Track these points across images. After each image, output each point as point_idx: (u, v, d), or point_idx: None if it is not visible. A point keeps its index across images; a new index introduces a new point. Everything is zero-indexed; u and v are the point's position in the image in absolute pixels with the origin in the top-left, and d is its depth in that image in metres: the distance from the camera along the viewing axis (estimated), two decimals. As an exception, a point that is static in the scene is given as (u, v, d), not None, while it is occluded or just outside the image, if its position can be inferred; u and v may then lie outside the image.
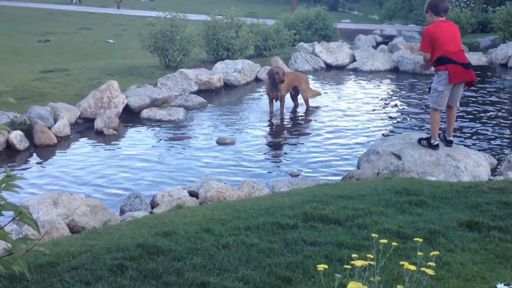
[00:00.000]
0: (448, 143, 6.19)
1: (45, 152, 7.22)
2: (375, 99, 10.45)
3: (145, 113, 9.00)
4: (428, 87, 6.11)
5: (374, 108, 9.69)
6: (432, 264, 2.24)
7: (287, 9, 25.37)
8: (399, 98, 10.85)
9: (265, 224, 3.60)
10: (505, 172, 5.80)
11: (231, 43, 13.32)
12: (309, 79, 10.19)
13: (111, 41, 19.26)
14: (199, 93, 10.59)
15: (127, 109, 9.07)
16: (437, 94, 5.79)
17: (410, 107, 9.86)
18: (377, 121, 8.77)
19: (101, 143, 7.60)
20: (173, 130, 8.25)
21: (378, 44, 18.74)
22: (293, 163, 6.73)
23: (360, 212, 3.84)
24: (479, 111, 9.25)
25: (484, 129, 8.07)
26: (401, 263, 2.26)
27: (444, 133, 6.29)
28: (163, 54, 12.42)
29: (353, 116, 9.05)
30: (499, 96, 10.62)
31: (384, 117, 9.13)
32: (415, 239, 2.61)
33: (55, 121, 7.85)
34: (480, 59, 14.65)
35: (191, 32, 12.53)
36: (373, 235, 2.60)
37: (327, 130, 8.20)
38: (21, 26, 23.08)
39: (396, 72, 13.72)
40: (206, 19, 13.88)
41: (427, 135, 6.29)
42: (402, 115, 9.35)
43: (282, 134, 8.21)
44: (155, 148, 7.41)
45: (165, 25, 12.26)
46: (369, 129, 8.27)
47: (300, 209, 3.93)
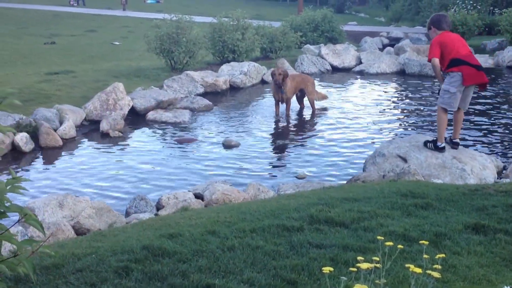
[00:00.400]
0: (454, 145, 6.18)
1: (50, 154, 7.25)
2: (381, 102, 10.44)
3: (150, 115, 9.03)
4: (437, 88, 6.09)
5: (380, 110, 9.68)
6: (438, 267, 2.24)
7: (293, 11, 25.37)
8: (405, 100, 10.83)
9: (270, 226, 3.60)
10: (511, 175, 5.78)
11: (237, 45, 13.34)
12: (315, 82, 10.18)
13: (117, 43, 19.33)
14: (205, 95, 10.62)
15: (133, 111, 9.10)
16: (449, 95, 5.80)
17: (416, 109, 9.84)
18: (383, 124, 8.75)
19: (107, 145, 7.63)
20: (179, 132, 8.27)
21: (384, 46, 18.71)
22: (298, 166, 6.73)
23: (365, 214, 3.84)
24: (486, 113, 9.22)
25: (490, 132, 8.04)
26: (407, 265, 2.25)
27: (449, 136, 6.28)
28: (169, 56, 12.46)
29: (359, 118, 9.04)
30: (505, 98, 10.58)
31: (390, 119, 9.12)
32: (421, 242, 2.60)
33: (61, 123, 7.88)
34: (486, 61, 14.59)
35: (197, 34, 12.56)
36: (379, 237, 2.60)
37: (333, 132, 8.19)
38: (27, 28, 23.21)
39: (402, 74, 13.69)
40: (212, 21, 13.91)
41: (434, 138, 6.28)
42: (408, 117, 9.33)
43: (288, 136, 8.21)
44: (160, 150, 7.43)
45: (171, 27, 12.30)
46: (375, 132, 8.26)
47: (305, 211, 3.93)
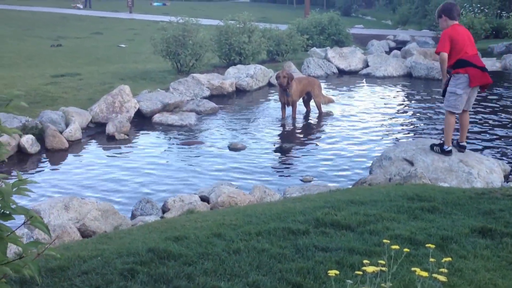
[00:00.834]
0: (461, 148, 6.16)
1: (56, 156, 7.29)
2: (387, 105, 10.42)
3: (156, 118, 9.05)
4: (442, 90, 6.07)
5: (386, 113, 9.66)
6: (444, 270, 2.23)
7: (300, 14, 25.40)
8: (412, 104, 10.81)
9: (276, 229, 3.60)
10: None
11: (244, 48, 13.36)
12: (322, 84, 10.18)
13: (123, 45, 19.42)
14: (211, 98, 10.63)
15: (139, 114, 9.13)
16: (455, 97, 5.79)
17: (423, 113, 9.81)
18: (389, 127, 8.73)
19: (113, 148, 7.66)
20: (185, 135, 8.29)
21: (391, 49, 18.68)
22: (304, 169, 6.72)
23: (371, 218, 3.83)
24: (493, 117, 9.18)
25: (497, 136, 8.00)
26: (413, 269, 2.25)
27: (456, 139, 6.26)
28: (175, 58, 12.49)
29: (366, 121, 9.02)
30: (514, 102, 10.53)
31: (396, 123, 9.10)
32: (427, 245, 2.60)
33: (67, 125, 7.92)
34: (494, 64, 14.54)
35: (204, 37, 12.59)
36: (385, 241, 2.60)
37: (339, 135, 8.19)
38: (33, 30, 23.36)
39: (409, 77, 13.66)
40: (218, 24, 13.95)
41: (440, 141, 6.26)
42: (414, 121, 9.31)
43: (294, 139, 8.21)
44: (166, 152, 7.45)
45: (178, 30, 12.33)
46: (381, 135, 8.25)
47: (311, 214, 3.93)
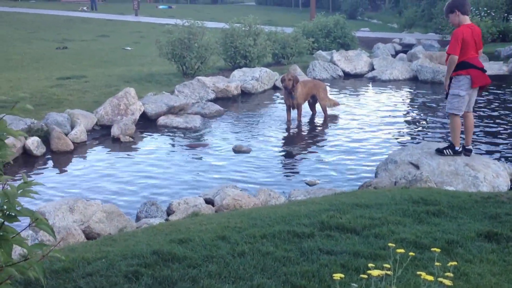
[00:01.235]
0: (467, 152, 6.14)
1: (61, 158, 7.31)
2: (393, 108, 10.40)
3: (161, 121, 9.07)
4: (445, 93, 6.07)
5: (392, 117, 9.64)
6: (449, 274, 2.22)
7: (305, 17, 25.40)
8: (417, 107, 10.78)
9: (281, 232, 3.60)
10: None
11: (249, 51, 13.38)
12: (327, 87, 10.18)
13: (129, 48, 19.48)
14: (216, 100, 10.65)
15: (144, 116, 9.15)
16: (458, 99, 5.80)
17: (429, 116, 9.79)
18: (395, 130, 8.72)
19: (118, 150, 7.68)
20: (190, 137, 8.30)
21: (397, 52, 18.64)
22: (310, 171, 6.72)
23: (377, 221, 3.82)
24: (499, 121, 9.14)
25: (504, 140, 7.97)
26: (418, 273, 2.24)
27: (462, 143, 6.24)
28: (181, 61, 12.52)
29: (371, 125, 9.01)
30: (521, 105, 10.49)
31: (402, 126, 9.08)
32: (432, 249, 2.59)
33: (72, 127, 7.95)
34: (500, 68, 14.49)
35: (209, 39, 12.62)
36: (390, 244, 2.59)
37: (344, 138, 8.18)
38: (39, 33, 23.49)
39: (415, 81, 13.63)
40: (224, 27, 13.97)
41: (446, 144, 6.23)
42: (420, 124, 9.29)
43: (299, 142, 8.21)
44: (171, 155, 7.46)
45: (183, 33, 12.37)
46: (387, 138, 8.23)
47: (316, 217, 3.93)
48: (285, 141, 8.31)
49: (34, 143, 7.18)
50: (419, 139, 8.17)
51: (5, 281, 1.75)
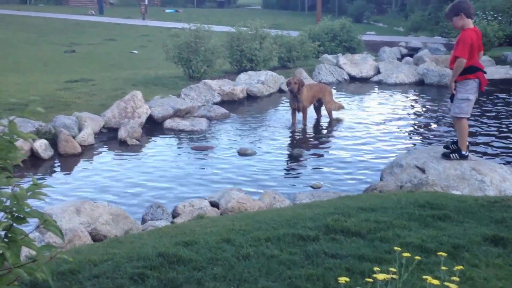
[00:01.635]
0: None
1: (69, 161, 7.34)
2: (399, 112, 10.38)
3: (168, 123, 9.09)
4: (450, 97, 6.05)
5: (397, 120, 9.62)
6: (455, 279, 2.22)
7: (311, 21, 25.42)
8: (423, 111, 10.76)
9: (286, 235, 3.60)
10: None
11: (255, 54, 13.39)
12: (333, 91, 10.18)
13: (136, 52, 19.56)
14: (222, 104, 10.67)
15: (151, 119, 9.17)
16: (467, 103, 5.82)
17: (434, 120, 9.76)
18: (401, 134, 8.70)
19: (124, 153, 7.71)
20: (196, 140, 8.32)
21: (403, 56, 18.61)
22: (314, 175, 6.71)
23: (382, 225, 3.81)
24: (507, 125, 9.11)
25: (511, 144, 7.94)
26: (424, 277, 2.24)
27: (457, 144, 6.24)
28: (187, 65, 12.55)
29: (376, 128, 8.99)
30: (527, 109, 10.44)
31: (408, 130, 9.06)
32: (438, 254, 2.58)
33: (80, 130, 7.98)
34: (507, 72, 14.45)
35: (215, 43, 12.64)
36: (396, 248, 2.58)
37: (349, 142, 8.17)
38: (48, 36, 23.62)
39: (421, 85, 13.60)
40: (230, 31, 14.00)
41: (452, 149, 6.21)
42: (426, 128, 9.26)
43: (304, 145, 8.20)
44: (177, 158, 7.48)
45: (190, 37, 12.40)
46: (392, 142, 8.21)
47: (321, 221, 3.92)
48: (290, 144, 8.31)
49: (42, 146, 7.21)
50: (425, 143, 8.15)
51: (13, 282, 1.76)
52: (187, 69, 12.67)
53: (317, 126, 9.41)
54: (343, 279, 2.14)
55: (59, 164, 7.24)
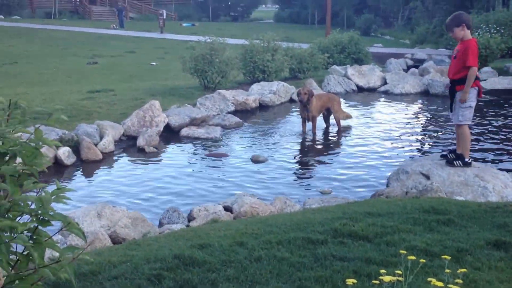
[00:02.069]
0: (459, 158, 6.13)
1: (90, 167, 7.40)
2: (405, 121, 10.33)
3: (184, 132, 9.13)
4: (450, 106, 6.02)
5: (403, 129, 9.57)
6: (459, 281, 2.20)
7: (321, 34, 25.43)
8: (428, 120, 10.69)
9: (296, 239, 3.59)
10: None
11: (267, 65, 13.42)
12: (341, 101, 10.16)
13: (154, 63, 19.70)
14: (235, 113, 10.69)
15: (168, 128, 9.22)
16: (470, 110, 5.81)
17: (439, 129, 9.69)
18: (406, 142, 8.65)
19: (143, 160, 7.75)
20: (210, 147, 8.35)
21: (409, 67, 18.52)
22: (324, 181, 6.69)
23: (388, 229, 3.79)
24: (509, 134, 9.02)
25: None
26: (429, 279, 2.22)
27: (454, 152, 6.20)
28: (203, 76, 12.61)
29: (383, 137, 8.95)
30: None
31: (413, 138, 9.01)
32: (442, 257, 2.56)
33: (101, 138, 8.05)
34: (509, 83, 14.32)
35: (230, 55, 12.69)
36: (401, 251, 2.57)
37: (357, 150, 8.14)
38: (72, 49, 23.89)
39: (426, 95, 13.52)
40: (244, 43, 14.06)
41: (453, 156, 6.15)
42: (431, 136, 9.20)
43: (313, 153, 8.19)
44: (192, 164, 7.50)
45: (205, 49, 12.47)
46: (398, 150, 8.17)
47: (330, 225, 3.91)
48: (301, 151, 8.30)
49: (65, 153, 7.28)
50: (430, 150, 8.09)
51: (36, 282, 1.78)
52: (203, 79, 12.73)
53: (326, 134, 9.39)
54: (350, 281, 2.14)
55: (81, 170, 7.30)
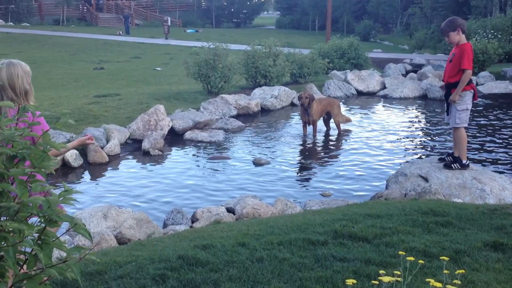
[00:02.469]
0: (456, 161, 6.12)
1: (97, 169, 7.41)
2: (403, 124, 10.32)
3: (188, 135, 9.15)
4: (446, 109, 6.01)
5: (402, 132, 9.56)
6: (457, 282, 2.19)
7: (321, 40, 25.44)
8: (426, 123, 10.68)
9: (297, 240, 3.59)
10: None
11: (269, 71, 13.44)
12: (341, 105, 10.16)
13: (159, 69, 19.74)
14: (238, 117, 10.70)
15: (172, 131, 9.24)
16: (466, 113, 5.79)
17: (437, 132, 9.68)
18: (405, 145, 8.64)
19: (148, 162, 7.76)
20: (213, 150, 8.35)
21: (407, 72, 18.53)
22: (324, 183, 6.69)
23: (387, 230, 3.78)
24: (506, 136, 9.00)
25: (510, 155, 7.83)
26: (427, 280, 2.22)
27: (451, 155, 6.19)
28: (206, 80, 12.64)
29: (382, 140, 8.95)
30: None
31: (412, 141, 8.99)
32: (441, 258, 2.56)
33: (107, 141, 8.06)
34: (507, 87, 14.31)
35: (232, 60, 12.72)
36: (400, 252, 2.56)
37: (357, 152, 8.13)
38: (79, 55, 23.96)
39: (424, 99, 13.52)
40: (246, 49, 14.09)
41: (450, 159, 6.14)
42: (429, 139, 9.19)
43: (314, 156, 8.19)
44: (196, 167, 7.51)
45: (209, 54, 12.50)
46: (397, 152, 8.16)
47: (330, 226, 3.91)
48: (301, 154, 8.30)
49: (72, 156, 7.29)
50: (428, 153, 8.08)
51: (44, 281, 1.78)
52: (206, 84, 12.75)
53: (326, 137, 9.38)
54: (350, 281, 2.13)
55: (88, 172, 7.31)
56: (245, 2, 54.20)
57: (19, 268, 1.77)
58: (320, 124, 9.52)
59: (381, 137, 9.11)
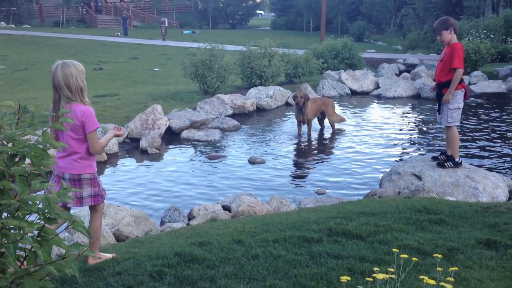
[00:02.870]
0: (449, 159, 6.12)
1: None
2: (397, 123, 10.34)
3: (184, 134, 9.13)
4: (437, 109, 6.01)
5: (395, 131, 9.58)
6: (451, 279, 2.20)
7: (316, 40, 25.45)
8: (420, 122, 10.70)
9: (292, 237, 3.59)
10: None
11: (264, 71, 13.44)
12: (335, 104, 10.16)
13: (156, 69, 19.70)
14: (233, 116, 10.70)
15: (169, 130, 9.22)
16: (458, 112, 5.79)
17: (430, 131, 9.70)
18: (398, 144, 8.65)
19: (145, 161, 7.74)
20: (210, 149, 8.34)
21: (401, 72, 18.57)
22: (318, 181, 6.69)
23: (381, 228, 3.79)
24: (499, 135, 9.03)
25: (503, 153, 7.86)
26: (421, 277, 2.22)
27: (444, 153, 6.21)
28: (202, 81, 12.63)
29: (376, 139, 8.96)
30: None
31: (405, 140, 9.01)
32: (434, 255, 2.56)
33: (105, 140, 8.02)
34: (499, 86, 14.36)
35: (228, 61, 12.71)
36: (394, 250, 2.56)
37: (351, 151, 8.14)
38: (78, 56, 23.87)
39: (417, 98, 13.55)
40: (241, 49, 14.08)
41: (443, 158, 6.15)
42: (422, 138, 9.21)
43: (309, 154, 8.19)
44: (192, 165, 7.49)
45: (205, 55, 12.48)
46: (391, 151, 8.17)
47: (324, 224, 3.91)
48: (296, 153, 8.30)
49: (70, 154, 7.25)
50: (422, 152, 8.09)
51: (44, 278, 1.77)
52: (202, 84, 12.74)
53: (321, 136, 9.39)
54: (345, 278, 2.13)
55: (86, 170, 7.27)
56: (240, 3, 54.16)
57: (19, 264, 1.77)
58: (314, 123, 9.52)
59: (375, 136, 9.13)
